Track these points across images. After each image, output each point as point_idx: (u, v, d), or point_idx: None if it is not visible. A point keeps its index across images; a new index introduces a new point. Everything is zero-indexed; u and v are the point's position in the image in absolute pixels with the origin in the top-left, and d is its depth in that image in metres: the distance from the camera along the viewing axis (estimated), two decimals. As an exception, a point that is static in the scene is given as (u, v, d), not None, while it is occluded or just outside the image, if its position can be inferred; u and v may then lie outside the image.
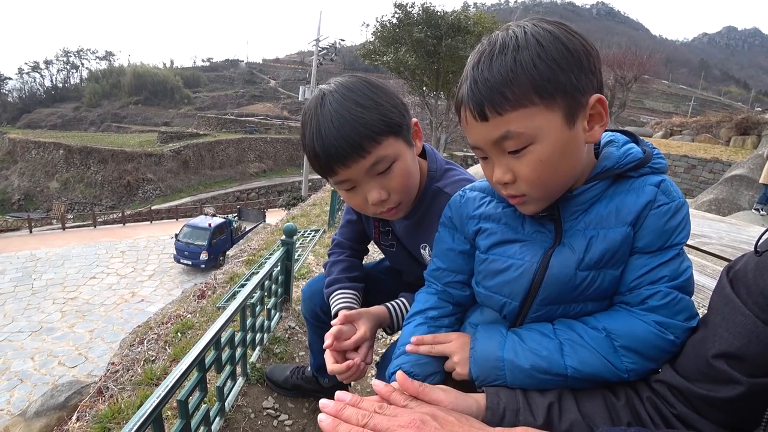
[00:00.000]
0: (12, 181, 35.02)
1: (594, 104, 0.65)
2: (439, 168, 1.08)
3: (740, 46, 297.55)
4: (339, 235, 1.37)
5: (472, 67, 0.66)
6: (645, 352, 0.65)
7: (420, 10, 20.71)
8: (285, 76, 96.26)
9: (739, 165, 11.21)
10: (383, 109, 0.88)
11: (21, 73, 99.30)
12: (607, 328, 0.68)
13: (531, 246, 0.74)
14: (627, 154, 0.70)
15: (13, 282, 14.75)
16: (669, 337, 0.65)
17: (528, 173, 0.65)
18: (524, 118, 0.62)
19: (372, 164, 0.88)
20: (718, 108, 71.33)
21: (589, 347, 0.67)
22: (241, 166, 38.98)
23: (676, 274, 0.66)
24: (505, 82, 0.62)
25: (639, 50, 32.26)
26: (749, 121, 16.38)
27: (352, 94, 0.87)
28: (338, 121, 0.85)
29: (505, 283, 0.75)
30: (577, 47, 0.64)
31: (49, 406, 3.76)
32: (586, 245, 0.68)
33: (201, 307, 2.72)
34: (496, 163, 0.68)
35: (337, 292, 1.22)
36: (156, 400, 1.05)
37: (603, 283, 0.69)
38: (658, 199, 0.67)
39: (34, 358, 10.30)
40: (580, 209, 0.71)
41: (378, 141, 0.87)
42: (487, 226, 0.80)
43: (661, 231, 0.67)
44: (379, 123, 0.87)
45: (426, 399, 0.66)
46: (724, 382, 0.55)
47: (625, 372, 0.66)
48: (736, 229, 2.26)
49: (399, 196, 0.95)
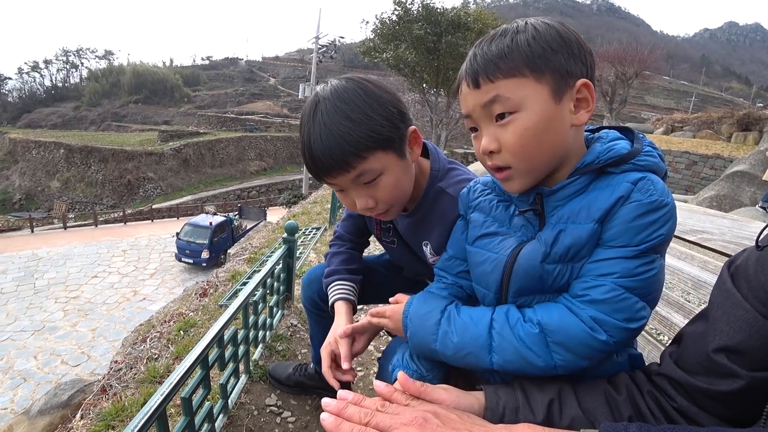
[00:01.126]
0: (13, 180, 35.06)
1: (580, 88, 0.69)
2: (442, 168, 1.08)
3: (742, 42, 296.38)
4: (340, 227, 1.39)
5: (474, 47, 0.72)
6: (576, 349, 0.65)
7: (420, 7, 20.62)
8: (285, 73, 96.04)
9: (740, 161, 11.20)
10: (373, 123, 0.87)
11: (21, 73, 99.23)
12: (542, 322, 0.68)
13: (509, 240, 0.77)
14: (610, 149, 0.70)
15: (16, 281, 14.79)
16: (601, 337, 0.64)
17: (513, 141, 0.68)
18: (513, 86, 0.67)
19: (356, 176, 0.90)
20: (719, 104, 71.16)
21: (516, 346, 0.68)
22: (242, 164, 39.00)
23: (629, 272, 0.64)
24: (500, 56, 0.68)
25: (640, 46, 32.08)
26: (751, 117, 16.34)
27: (344, 106, 0.86)
28: (326, 134, 0.85)
29: (483, 275, 0.79)
30: (571, 38, 0.69)
31: (52, 404, 3.77)
32: (553, 239, 0.70)
33: (203, 305, 2.72)
34: (484, 132, 0.72)
35: (335, 283, 1.25)
36: (160, 397, 1.06)
37: (572, 277, 0.70)
38: (632, 196, 0.65)
39: (37, 356, 10.34)
40: (559, 204, 0.72)
41: (363, 156, 0.87)
42: (475, 218, 0.85)
43: (626, 226, 0.64)
44: (366, 139, 0.86)
45: (428, 399, 0.67)
46: (725, 375, 0.55)
47: (554, 368, 0.67)
48: (738, 225, 2.26)
49: (386, 205, 0.97)
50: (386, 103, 0.90)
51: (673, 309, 1.42)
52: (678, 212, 0.70)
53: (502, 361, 0.69)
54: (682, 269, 1.68)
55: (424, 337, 0.78)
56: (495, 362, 0.69)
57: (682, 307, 1.42)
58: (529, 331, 0.68)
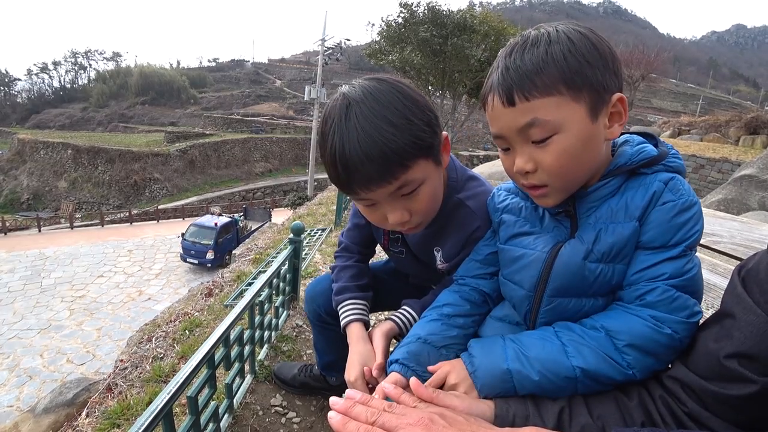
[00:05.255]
0: (21, 180, 35.38)
1: (615, 102, 0.68)
2: (460, 178, 1.03)
3: (750, 45, 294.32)
4: (346, 238, 1.31)
5: (504, 57, 0.69)
6: (644, 347, 0.65)
7: (426, 10, 20.68)
8: (290, 75, 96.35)
9: (748, 165, 11.08)
10: (416, 129, 0.79)
11: (30, 74, 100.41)
12: (605, 326, 0.68)
13: (545, 238, 0.77)
14: (640, 152, 0.72)
15: (23, 280, 14.92)
16: (666, 331, 0.64)
17: (551, 162, 0.67)
18: (551, 106, 0.65)
19: (397, 188, 0.82)
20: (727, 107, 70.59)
21: (591, 346, 0.67)
22: (247, 165, 39.15)
23: (677, 272, 0.65)
24: (536, 70, 0.64)
25: (646, 49, 32.03)
26: (759, 120, 16.20)
27: (383, 110, 0.78)
28: (365, 141, 0.76)
29: (517, 271, 0.78)
30: (605, 49, 0.68)
31: (57, 402, 3.79)
32: (594, 237, 0.70)
33: (208, 306, 2.73)
34: (519, 152, 0.70)
35: (347, 302, 1.18)
36: (167, 396, 1.06)
37: (613, 278, 0.70)
38: (665, 196, 0.68)
39: (43, 355, 10.42)
40: (594, 205, 0.72)
41: (407, 165, 0.79)
42: (506, 218, 0.85)
43: (665, 227, 0.67)
44: (411, 147, 0.78)
45: (440, 404, 0.66)
46: (737, 380, 0.55)
47: (629, 368, 0.65)
48: (747, 228, 2.24)
49: (421, 217, 0.90)
50: (424, 107, 0.83)
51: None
52: None
53: (584, 362, 0.66)
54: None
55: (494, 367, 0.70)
56: (576, 365, 0.66)
57: (692, 311, 1.41)
58: (595, 335, 0.68)
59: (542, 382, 0.66)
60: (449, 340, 0.83)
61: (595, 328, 0.68)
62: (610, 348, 0.66)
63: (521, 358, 0.68)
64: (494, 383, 0.69)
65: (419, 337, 0.83)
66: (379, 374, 0.93)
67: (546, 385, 0.66)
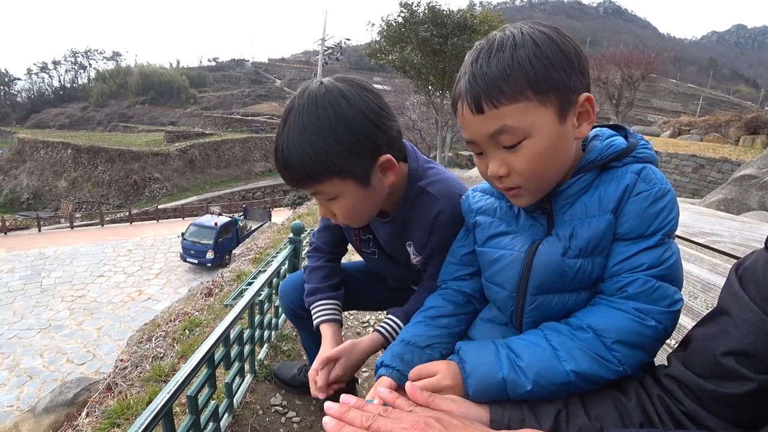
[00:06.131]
0: (21, 180, 35.37)
1: (583, 102, 0.69)
2: (420, 167, 1.06)
3: (750, 45, 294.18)
4: (317, 238, 1.34)
5: (470, 64, 0.69)
6: (631, 341, 0.66)
7: (426, 9, 20.64)
8: (290, 75, 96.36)
9: (748, 165, 11.07)
10: (332, 153, 0.83)
11: (30, 74, 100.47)
12: (592, 326, 0.68)
13: (522, 237, 0.77)
14: (610, 145, 0.73)
15: (23, 280, 14.92)
16: (650, 323, 0.65)
17: (523, 167, 0.68)
18: (519, 112, 0.65)
19: (313, 192, 0.92)
20: (727, 107, 70.57)
21: (581, 348, 0.67)
22: (247, 165, 39.16)
23: (656, 261, 0.66)
24: (503, 77, 0.65)
25: (646, 49, 31.95)
26: (759, 120, 16.22)
27: (310, 127, 0.83)
28: (287, 150, 0.85)
29: (497, 273, 0.78)
30: (570, 50, 0.68)
31: (57, 402, 3.79)
32: (570, 233, 0.71)
33: (208, 305, 2.73)
34: (491, 157, 0.71)
35: (318, 303, 1.21)
36: (167, 395, 1.06)
37: (594, 272, 0.71)
38: (638, 186, 0.68)
39: (43, 355, 10.42)
40: (569, 202, 0.73)
41: (318, 180, 0.87)
42: (481, 220, 0.85)
43: (640, 217, 0.67)
44: (321, 167, 0.84)
45: (436, 409, 0.66)
46: (734, 378, 0.55)
47: (619, 365, 0.66)
48: (748, 228, 2.23)
49: (346, 221, 0.98)
50: (356, 132, 0.85)
51: (682, 312, 1.41)
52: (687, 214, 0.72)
53: (576, 366, 0.66)
54: (690, 272, 1.66)
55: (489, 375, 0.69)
56: (569, 369, 0.66)
57: (691, 310, 1.41)
58: (584, 336, 0.68)
59: (536, 389, 0.66)
60: (432, 340, 0.84)
61: (582, 329, 0.68)
62: (599, 347, 0.66)
63: (515, 368, 0.67)
64: (488, 390, 0.68)
65: (403, 339, 0.85)
66: (320, 365, 1.01)
67: (540, 392, 0.66)
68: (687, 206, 3.60)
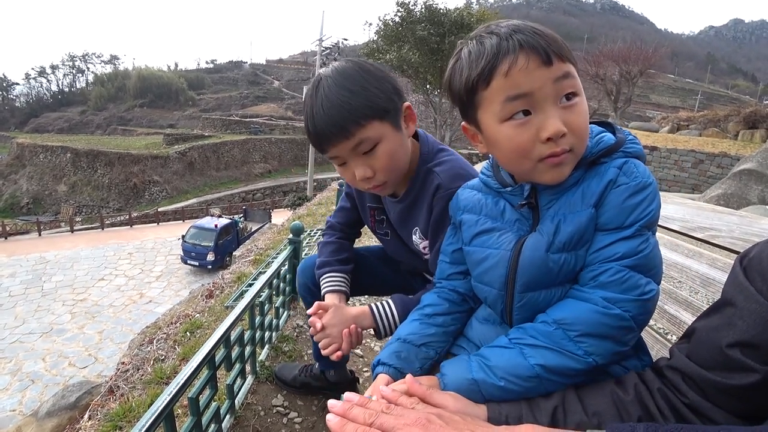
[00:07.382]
0: (21, 185, 35.40)
1: None
2: (431, 150, 1.13)
3: (747, 39, 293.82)
4: (333, 218, 1.44)
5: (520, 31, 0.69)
6: (597, 332, 0.66)
7: (423, 8, 20.66)
8: (288, 76, 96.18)
9: (747, 159, 11.07)
10: (370, 94, 0.95)
11: (28, 78, 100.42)
12: (557, 320, 0.69)
13: (508, 234, 0.77)
14: (599, 142, 0.74)
15: (24, 284, 14.93)
16: (614, 311, 0.66)
17: (579, 123, 0.71)
18: (574, 71, 0.71)
19: (356, 145, 0.96)
20: (725, 102, 70.58)
21: (544, 342, 0.68)
22: (246, 166, 39.17)
23: (631, 252, 0.67)
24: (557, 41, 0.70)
25: (644, 44, 31.93)
26: (758, 115, 16.21)
27: (344, 80, 0.95)
28: (327, 105, 0.94)
29: (485, 272, 0.79)
30: None
31: (60, 406, 3.80)
32: (554, 229, 0.72)
33: (209, 307, 2.73)
34: (549, 114, 0.69)
35: (327, 275, 1.30)
36: (168, 397, 1.06)
37: (577, 265, 0.72)
38: (619, 180, 0.70)
39: (45, 359, 10.44)
40: (554, 198, 0.74)
41: (361, 124, 0.94)
42: (467, 218, 0.85)
43: (619, 209, 0.69)
44: (364, 108, 0.94)
45: (433, 403, 0.67)
46: (739, 370, 0.55)
47: (587, 356, 0.66)
48: (747, 222, 2.24)
49: (384, 175, 1.02)
50: (382, 79, 1.00)
51: (682, 307, 1.41)
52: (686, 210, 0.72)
53: (542, 359, 0.67)
54: (690, 267, 1.66)
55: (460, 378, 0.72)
56: (534, 363, 0.68)
57: (691, 305, 1.41)
58: (545, 330, 0.69)
59: (508, 386, 0.68)
60: (428, 338, 0.85)
61: (546, 323, 0.70)
62: (563, 340, 0.67)
63: (484, 368, 0.70)
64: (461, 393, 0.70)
65: (399, 337, 0.86)
66: (313, 311, 1.11)
67: (513, 388, 0.68)
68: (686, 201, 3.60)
